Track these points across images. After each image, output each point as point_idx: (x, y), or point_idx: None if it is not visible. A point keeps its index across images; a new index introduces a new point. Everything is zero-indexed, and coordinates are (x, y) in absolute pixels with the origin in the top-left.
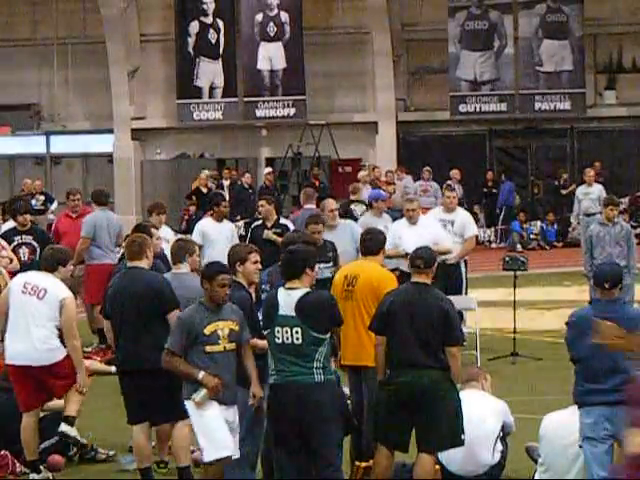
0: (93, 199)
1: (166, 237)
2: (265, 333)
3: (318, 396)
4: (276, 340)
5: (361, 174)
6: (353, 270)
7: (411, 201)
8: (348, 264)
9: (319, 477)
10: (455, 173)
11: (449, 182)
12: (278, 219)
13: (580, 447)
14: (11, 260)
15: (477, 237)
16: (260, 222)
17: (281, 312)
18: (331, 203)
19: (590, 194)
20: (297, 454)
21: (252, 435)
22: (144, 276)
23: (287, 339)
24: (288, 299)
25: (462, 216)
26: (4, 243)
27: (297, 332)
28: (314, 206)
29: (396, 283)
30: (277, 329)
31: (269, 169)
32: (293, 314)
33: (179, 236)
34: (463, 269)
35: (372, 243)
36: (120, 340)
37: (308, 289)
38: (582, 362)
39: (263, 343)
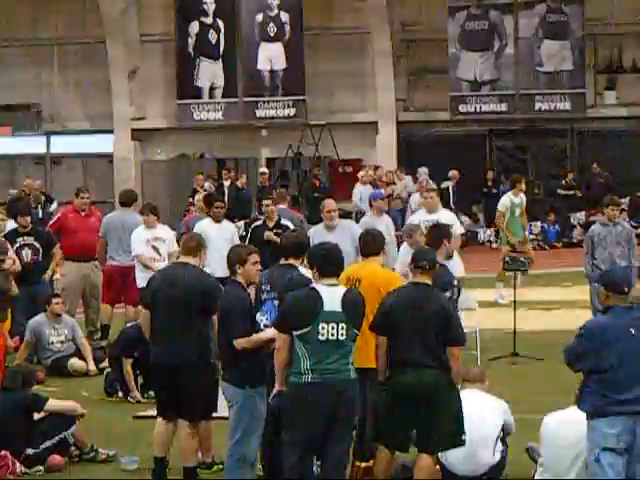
0: (118, 200)
1: (162, 236)
2: (302, 332)
3: (353, 392)
4: (319, 337)
5: (360, 174)
6: (356, 272)
7: (413, 232)
8: (350, 266)
9: (330, 476)
10: (454, 174)
11: (447, 183)
12: (279, 219)
13: (576, 455)
14: (14, 261)
15: (477, 236)
16: (260, 222)
17: (327, 308)
18: (328, 204)
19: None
20: (317, 452)
21: (251, 435)
22: (197, 273)
23: (332, 335)
24: (332, 295)
25: (446, 216)
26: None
27: (342, 328)
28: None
29: (399, 279)
30: (322, 325)
31: (263, 169)
32: (340, 309)
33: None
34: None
35: (373, 245)
36: (163, 334)
37: (346, 287)
38: (606, 372)
39: (258, 337)
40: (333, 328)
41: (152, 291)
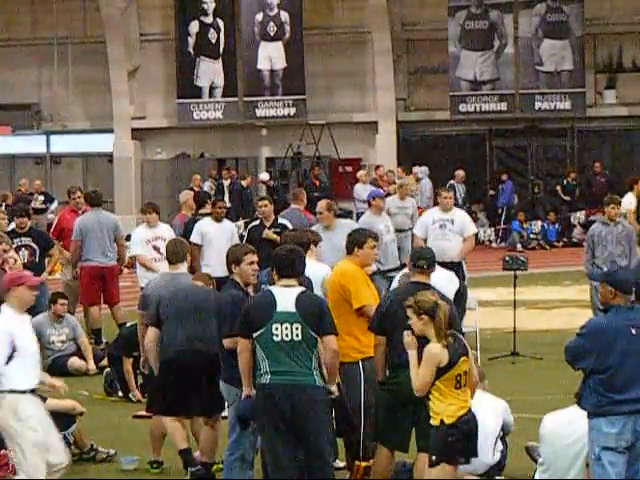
0: (86, 201)
1: (163, 236)
2: (258, 333)
3: (312, 395)
4: (274, 338)
5: (359, 173)
6: (333, 271)
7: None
8: None
9: (316, 474)
10: (459, 174)
11: (451, 182)
12: (276, 219)
13: (576, 454)
14: (15, 261)
15: (477, 236)
16: (258, 222)
17: (280, 309)
18: (320, 205)
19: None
20: (292, 452)
21: (249, 434)
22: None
23: (287, 336)
24: (286, 296)
25: (460, 215)
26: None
27: (297, 328)
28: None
29: (353, 274)
30: (275, 326)
31: (263, 176)
32: (293, 310)
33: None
34: (464, 268)
35: (347, 244)
36: (178, 335)
37: (303, 288)
38: (607, 372)
39: None
40: (287, 329)
41: (162, 307)
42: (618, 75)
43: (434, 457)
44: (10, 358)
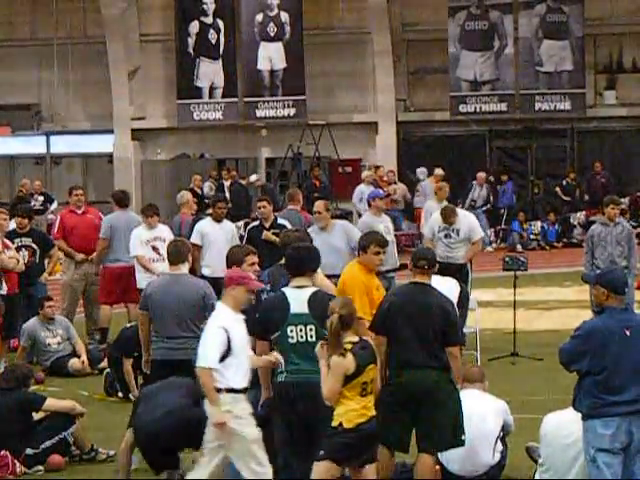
0: (114, 201)
1: (162, 236)
2: (274, 336)
3: None
4: (290, 340)
5: (365, 174)
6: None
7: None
8: (345, 265)
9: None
10: (480, 176)
11: (472, 182)
12: (275, 219)
13: (576, 455)
14: (17, 261)
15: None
16: (257, 223)
17: (293, 310)
18: (318, 205)
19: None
20: (304, 453)
21: None
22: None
23: (301, 337)
24: (299, 297)
25: (466, 223)
26: (9, 243)
27: (311, 329)
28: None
29: (354, 282)
30: (290, 328)
31: (253, 177)
32: (306, 311)
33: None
34: (469, 268)
35: (358, 246)
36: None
37: (316, 288)
38: (602, 374)
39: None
40: (301, 330)
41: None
42: (618, 76)
43: (322, 452)
44: (225, 356)
